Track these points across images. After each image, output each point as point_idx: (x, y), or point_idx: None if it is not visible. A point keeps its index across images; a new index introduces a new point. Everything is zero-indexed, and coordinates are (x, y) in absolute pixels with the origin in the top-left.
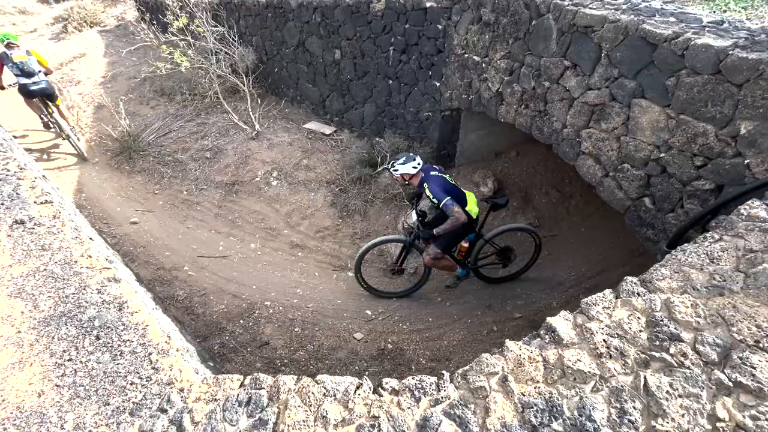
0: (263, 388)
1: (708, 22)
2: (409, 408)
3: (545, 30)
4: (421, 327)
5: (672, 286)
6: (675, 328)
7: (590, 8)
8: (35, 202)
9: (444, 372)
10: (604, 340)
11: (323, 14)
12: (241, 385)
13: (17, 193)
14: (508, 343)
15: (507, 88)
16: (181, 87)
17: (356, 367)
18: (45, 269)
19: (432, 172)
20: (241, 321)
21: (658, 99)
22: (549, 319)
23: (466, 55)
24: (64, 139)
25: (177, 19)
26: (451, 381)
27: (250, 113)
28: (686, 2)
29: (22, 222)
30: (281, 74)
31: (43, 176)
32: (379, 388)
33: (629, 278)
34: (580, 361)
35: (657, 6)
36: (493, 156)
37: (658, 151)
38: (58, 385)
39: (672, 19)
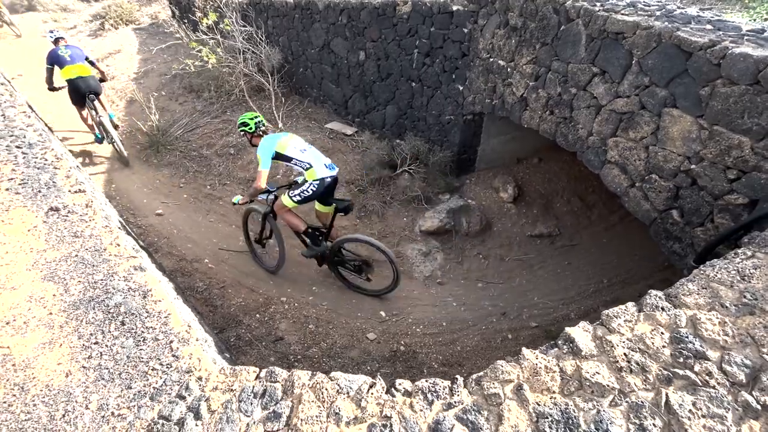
0: (278, 381)
1: (747, 31)
2: (421, 410)
3: (574, 35)
4: (435, 331)
5: (699, 302)
6: (701, 346)
7: (622, 14)
8: (69, 191)
9: (457, 376)
10: (624, 354)
11: (349, 16)
12: (257, 377)
13: (53, 182)
14: (525, 351)
15: (532, 93)
16: (208, 84)
17: (368, 367)
18: (76, 255)
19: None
20: (257, 315)
21: (690, 109)
22: (568, 330)
23: (491, 60)
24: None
25: (206, 17)
26: (465, 386)
27: (274, 112)
28: (724, 9)
29: (57, 209)
30: (305, 74)
31: (77, 166)
32: (392, 389)
33: (653, 292)
34: (598, 373)
35: (693, 13)
36: (515, 162)
37: (688, 163)
38: (84, 367)
39: (708, 26)
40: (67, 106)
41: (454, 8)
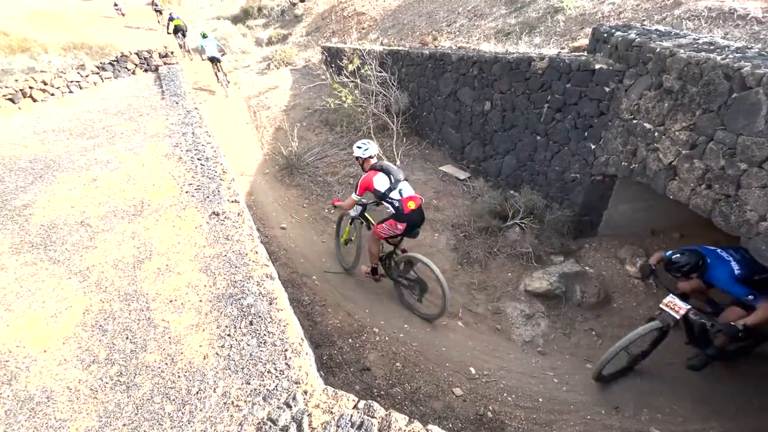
0: (375, 417)
1: None
2: None
3: (750, 105)
4: (529, 405)
5: None
6: None
7: None
8: (228, 200)
9: None
10: None
11: (481, 68)
12: (355, 406)
13: (218, 191)
14: None
15: (684, 162)
16: (342, 120)
17: (450, 425)
18: (225, 255)
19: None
20: (350, 340)
21: None
22: None
23: (635, 121)
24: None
25: (351, 63)
26: None
27: (394, 149)
28: None
29: (218, 214)
30: (428, 118)
31: (233, 179)
32: None
33: None
34: None
35: None
36: (649, 233)
37: None
38: (218, 354)
39: None
40: (230, 135)
41: (597, 66)
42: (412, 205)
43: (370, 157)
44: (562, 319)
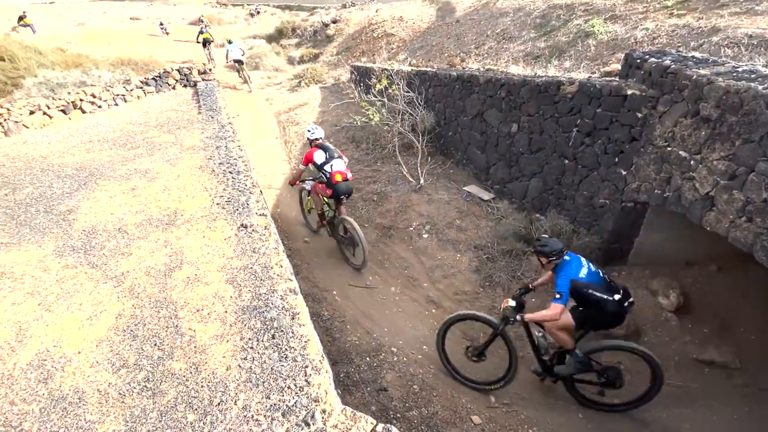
0: None
1: None
2: None
3: None
4: None
5: None
6: None
7: None
8: (256, 213)
9: None
10: None
11: (509, 91)
12: (373, 430)
13: (247, 204)
14: None
15: (722, 193)
16: (368, 138)
17: None
18: (251, 267)
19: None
20: (368, 358)
21: None
22: None
23: (670, 148)
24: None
25: (379, 82)
26: None
27: (418, 168)
28: None
29: (246, 226)
30: (453, 138)
31: (261, 192)
32: None
33: None
34: None
35: None
36: (683, 264)
37: None
38: (240, 366)
39: None
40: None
41: (629, 92)
42: (338, 178)
43: (316, 138)
44: None
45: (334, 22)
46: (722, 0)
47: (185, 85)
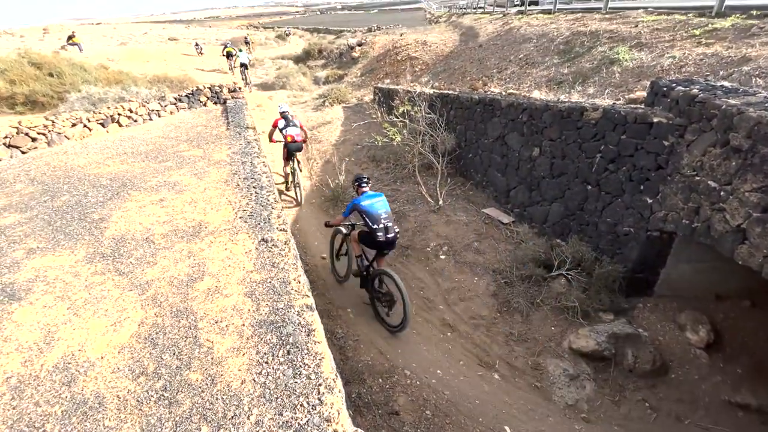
0: None
1: None
2: None
3: None
4: None
5: None
6: None
7: None
8: (277, 228)
9: None
10: None
11: (531, 115)
12: None
13: (269, 219)
14: None
15: (755, 226)
16: (388, 157)
17: None
18: (270, 282)
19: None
20: (380, 380)
21: None
22: None
23: (698, 178)
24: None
25: (402, 104)
26: None
27: (438, 189)
28: None
29: (266, 241)
30: (474, 160)
31: (282, 208)
32: None
33: None
34: None
35: None
36: (713, 298)
37: None
38: (254, 381)
39: None
40: (280, 165)
41: (655, 120)
42: (289, 139)
43: (284, 111)
44: (611, 384)
45: (360, 45)
46: (753, 30)
47: (216, 102)
